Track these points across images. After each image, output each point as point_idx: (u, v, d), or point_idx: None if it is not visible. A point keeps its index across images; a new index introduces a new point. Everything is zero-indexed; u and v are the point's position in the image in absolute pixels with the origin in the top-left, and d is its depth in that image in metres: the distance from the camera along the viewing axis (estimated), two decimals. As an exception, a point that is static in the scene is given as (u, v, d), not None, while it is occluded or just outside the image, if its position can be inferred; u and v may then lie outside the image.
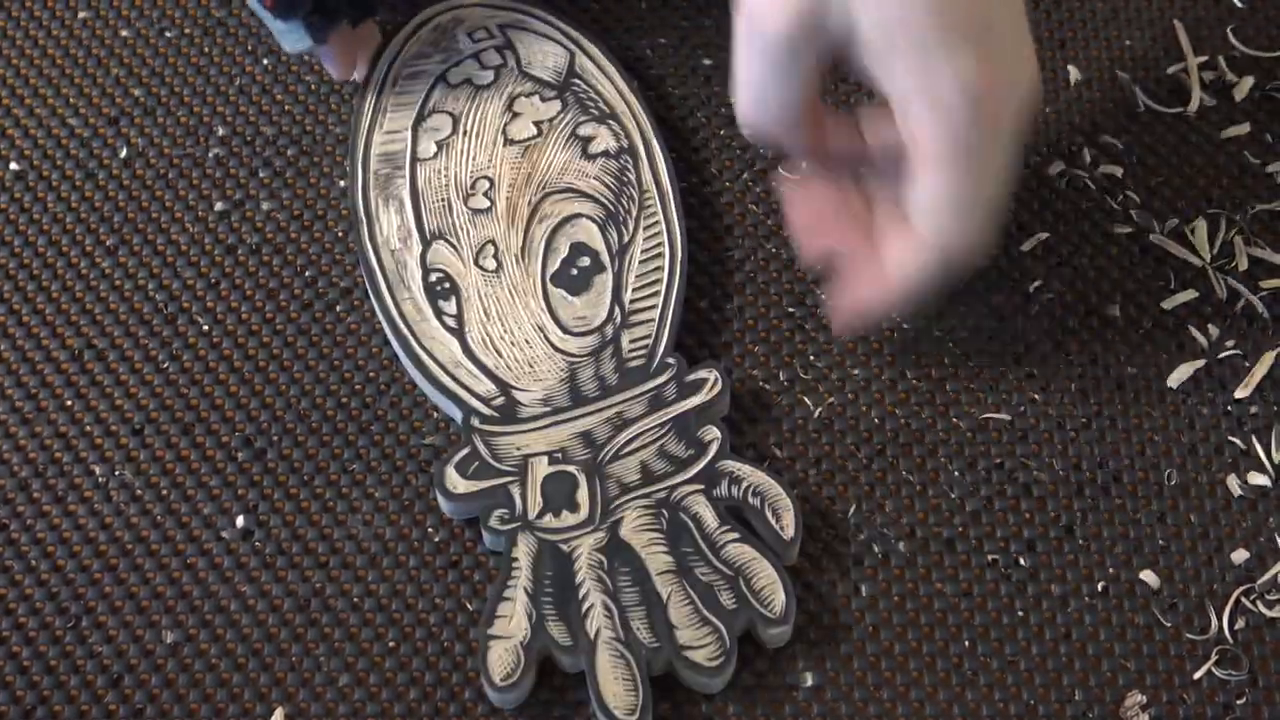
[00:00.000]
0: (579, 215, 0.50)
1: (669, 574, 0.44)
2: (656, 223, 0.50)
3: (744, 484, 0.46)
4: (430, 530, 0.47)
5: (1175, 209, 0.52)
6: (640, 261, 0.50)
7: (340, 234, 0.52)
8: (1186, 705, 0.44)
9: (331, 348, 0.50)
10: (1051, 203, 0.52)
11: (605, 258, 0.50)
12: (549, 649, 0.44)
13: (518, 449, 0.46)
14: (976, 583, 0.46)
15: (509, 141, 0.52)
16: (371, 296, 0.49)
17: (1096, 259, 0.51)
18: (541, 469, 0.46)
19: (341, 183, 0.53)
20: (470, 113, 0.52)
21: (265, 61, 0.55)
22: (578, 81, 0.53)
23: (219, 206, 0.53)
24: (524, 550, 0.45)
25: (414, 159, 0.52)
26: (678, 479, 0.46)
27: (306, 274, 0.51)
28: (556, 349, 0.48)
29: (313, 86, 0.55)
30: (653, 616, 0.44)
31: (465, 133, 0.52)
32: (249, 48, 0.56)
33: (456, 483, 0.46)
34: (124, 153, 0.54)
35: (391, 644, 0.45)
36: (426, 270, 0.50)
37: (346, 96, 0.55)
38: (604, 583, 0.44)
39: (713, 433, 0.47)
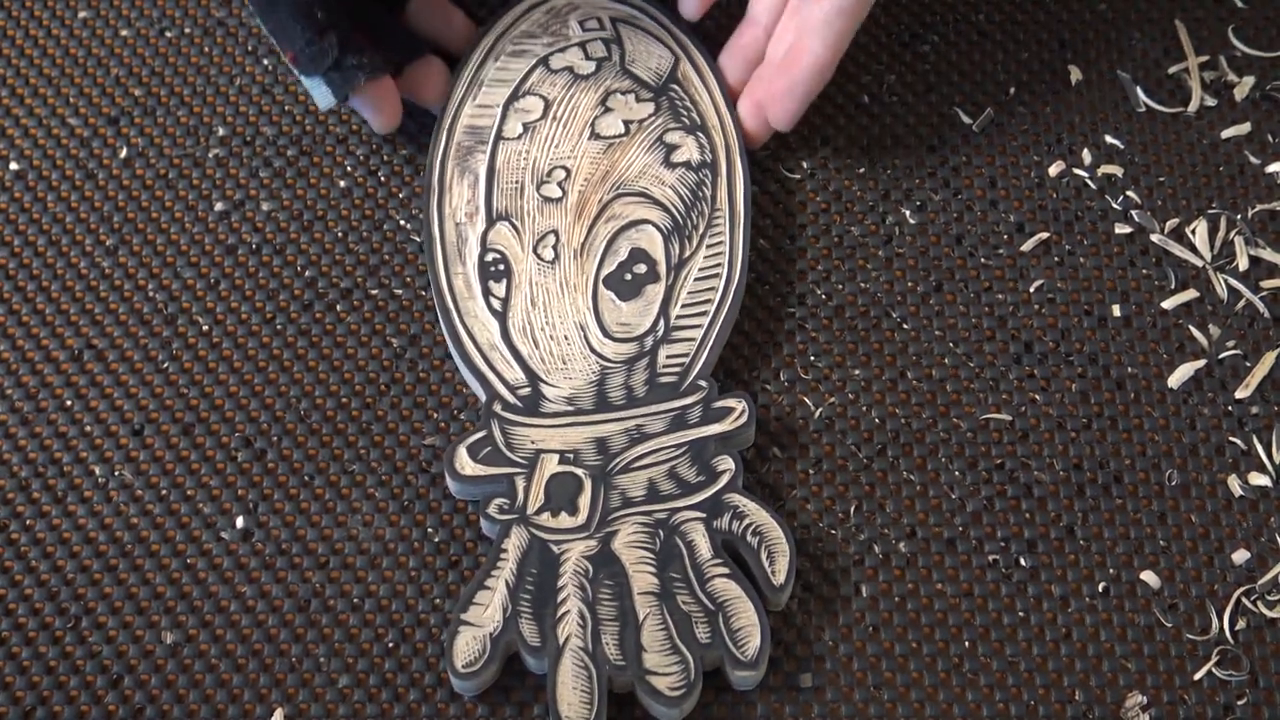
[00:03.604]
0: (646, 221, 0.50)
1: (650, 595, 0.44)
2: (721, 244, 0.50)
3: (745, 521, 0.45)
4: (430, 531, 0.47)
5: (1176, 209, 0.52)
6: (695, 279, 0.49)
7: (340, 234, 0.52)
8: (1187, 706, 0.44)
9: (332, 348, 0.50)
10: (1052, 202, 0.52)
11: (662, 268, 0.49)
12: (516, 645, 0.44)
13: (532, 442, 0.46)
14: (977, 583, 0.46)
15: (595, 136, 0.51)
16: (427, 266, 0.49)
17: (1097, 259, 0.51)
18: (550, 466, 0.46)
19: (342, 182, 0.53)
20: (564, 100, 0.52)
21: (265, 61, 0.55)
22: (676, 88, 0.53)
23: (219, 207, 0.53)
24: (514, 543, 0.45)
25: (498, 136, 0.52)
26: (681, 503, 0.46)
27: (306, 274, 0.51)
28: (593, 350, 0.48)
29: (313, 86, 0.55)
30: (625, 635, 0.44)
31: (555, 119, 0.52)
32: (249, 48, 0.56)
33: (465, 464, 0.46)
34: (124, 153, 0.54)
35: (391, 645, 0.45)
36: (485, 249, 0.49)
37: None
38: (585, 591, 0.44)
39: (727, 463, 0.46)
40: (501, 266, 0.49)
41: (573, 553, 0.45)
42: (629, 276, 0.49)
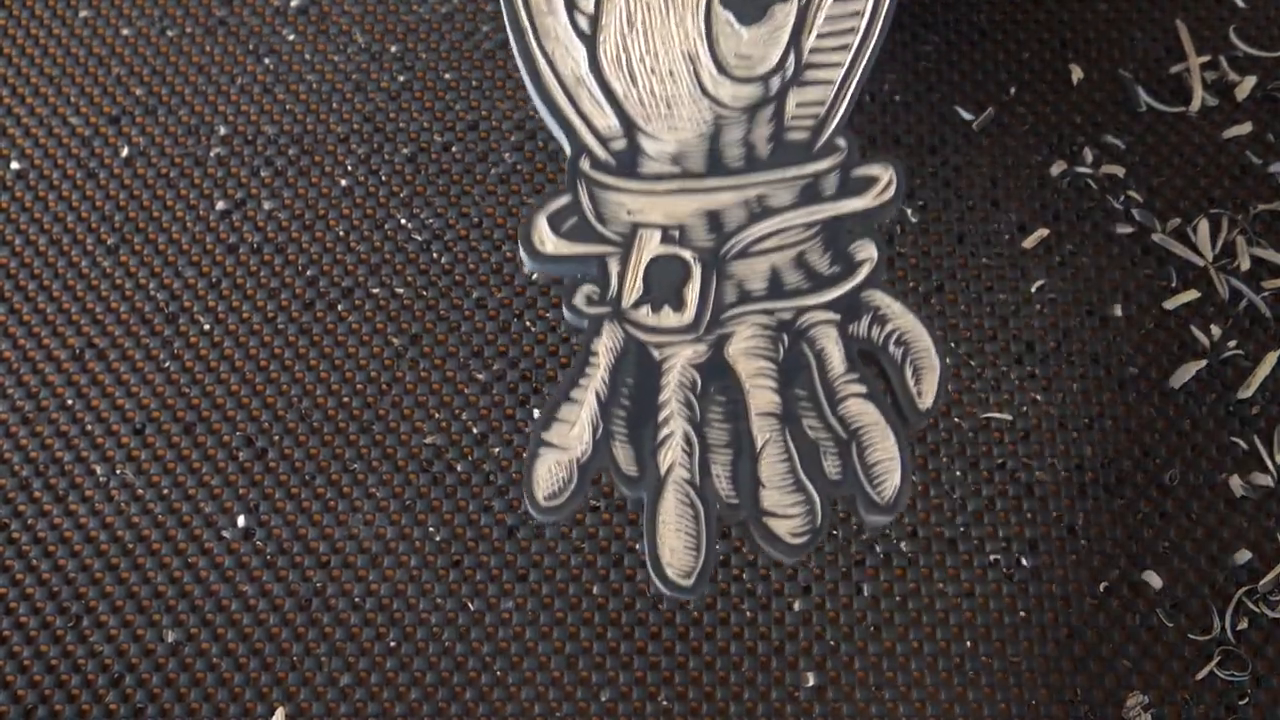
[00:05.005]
0: None
1: (770, 417, 0.37)
2: None
3: (888, 326, 0.38)
4: (431, 530, 0.47)
5: (1177, 209, 0.52)
6: (835, 0, 0.40)
7: (341, 233, 0.52)
8: (1188, 706, 0.44)
9: (333, 347, 0.50)
10: (1053, 202, 0.52)
11: None
12: (608, 472, 0.37)
13: (629, 213, 0.38)
14: (978, 583, 0.46)
15: None
16: None
17: (1098, 259, 0.51)
18: (651, 246, 0.38)
19: (343, 181, 0.53)
20: None
21: (266, 60, 0.55)
22: None
23: (220, 205, 0.53)
24: (606, 345, 0.37)
25: None
26: (811, 300, 0.38)
27: (308, 273, 0.51)
28: (705, 92, 0.39)
29: (314, 85, 0.55)
30: (739, 466, 0.36)
31: None
32: (250, 46, 0.56)
33: (545, 238, 0.38)
34: (125, 152, 0.54)
35: (393, 644, 0.45)
36: None
37: (347, 95, 0.55)
38: (691, 409, 0.37)
39: (868, 250, 0.38)
40: None
41: (677, 360, 0.37)
42: None
